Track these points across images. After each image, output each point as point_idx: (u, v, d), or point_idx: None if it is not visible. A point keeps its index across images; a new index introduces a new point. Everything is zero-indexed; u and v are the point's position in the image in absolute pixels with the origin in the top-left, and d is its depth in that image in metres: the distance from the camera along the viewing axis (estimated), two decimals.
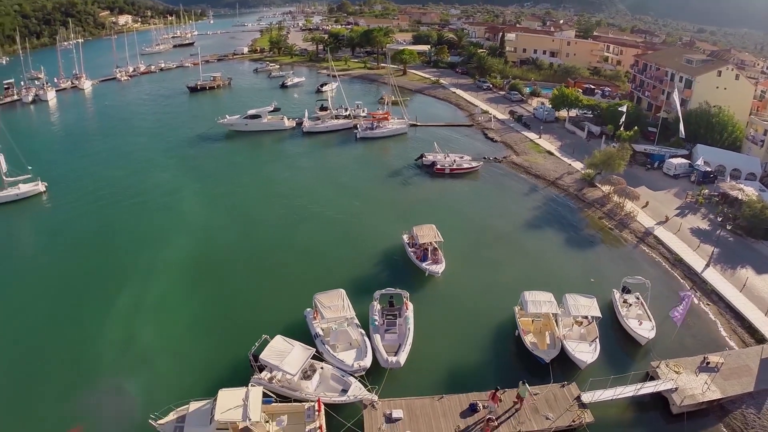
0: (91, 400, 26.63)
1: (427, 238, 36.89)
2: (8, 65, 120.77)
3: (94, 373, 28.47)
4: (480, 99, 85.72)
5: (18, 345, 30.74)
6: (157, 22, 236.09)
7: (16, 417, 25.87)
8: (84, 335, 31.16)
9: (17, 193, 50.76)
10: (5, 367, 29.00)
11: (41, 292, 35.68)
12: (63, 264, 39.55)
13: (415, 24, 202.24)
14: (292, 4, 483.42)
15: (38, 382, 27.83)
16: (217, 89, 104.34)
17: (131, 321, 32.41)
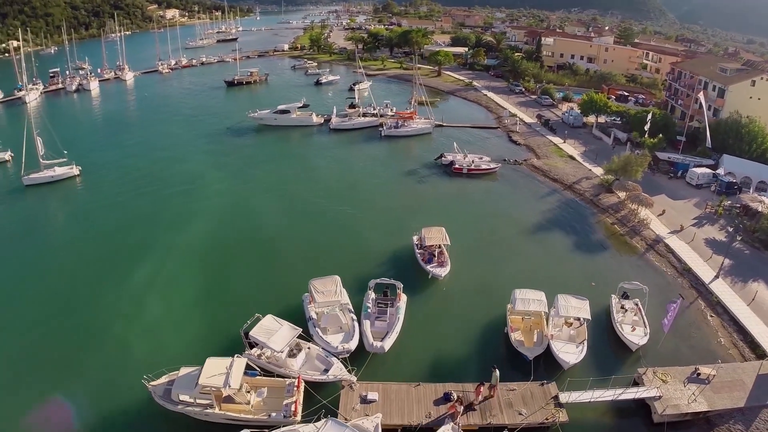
0: (94, 359, 28.74)
1: (433, 240, 36.80)
2: (56, 55, 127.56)
3: (101, 337, 30.49)
4: (510, 102, 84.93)
5: (39, 308, 33.22)
6: (204, 17, 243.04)
7: (26, 370, 28.09)
8: (97, 304, 33.37)
9: (52, 175, 54.01)
10: (25, 326, 31.53)
11: (66, 265, 38.31)
12: (88, 241, 42.17)
13: (458, 26, 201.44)
14: (338, 3, 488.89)
15: (51, 342, 30.09)
16: (253, 84, 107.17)
17: (141, 294, 34.44)
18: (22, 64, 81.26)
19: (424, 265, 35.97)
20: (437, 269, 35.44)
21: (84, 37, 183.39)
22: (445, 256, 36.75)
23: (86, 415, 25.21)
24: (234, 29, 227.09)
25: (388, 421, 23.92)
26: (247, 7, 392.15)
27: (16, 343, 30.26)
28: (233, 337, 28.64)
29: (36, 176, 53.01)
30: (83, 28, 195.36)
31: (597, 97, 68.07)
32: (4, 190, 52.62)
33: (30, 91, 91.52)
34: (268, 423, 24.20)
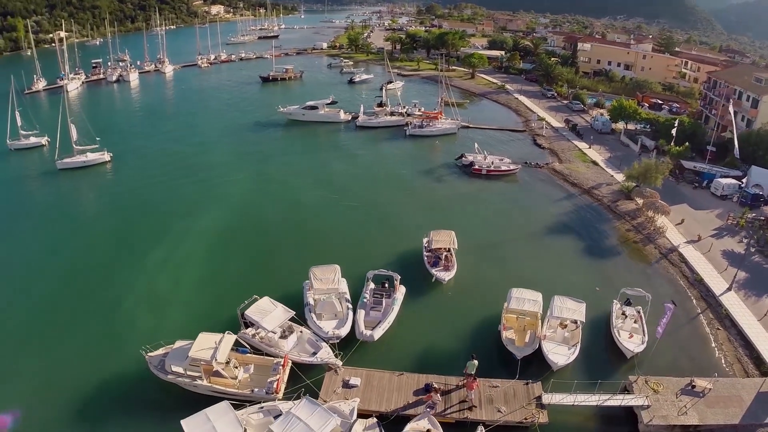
0: (102, 329, 30.35)
1: (441, 243, 35.97)
2: (100, 46, 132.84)
3: (111, 310, 32.13)
4: (541, 106, 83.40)
5: (59, 280, 35.42)
6: (248, 14, 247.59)
7: (39, 332, 30.09)
8: (112, 280, 35.13)
9: (84, 160, 56.54)
10: (45, 294, 33.70)
11: (88, 243, 40.40)
12: (111, 223, 44.36)
13: (500, 30, 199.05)
14: (383, 4, 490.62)
15: (65, 309, 32.13)
16: (288, 81, 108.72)
17: (153, 273, 35.98)
18: (65, 54, 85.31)
19: (429, 267, 35.07)
20: (442, 273, 34.53)
21: (129, 30, 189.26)
22: (451, 260, 35.66)
23: (88, 378, 26.47)
24: (276, 26, 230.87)
25: (365, 406, 24.06)
26: (292, 5, 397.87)
27: (35, 308, 32.42)
28: (233, 316, 29.27)
29: (69, 161, 55.64)
30: (129, 21, 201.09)
31: (627, 104, 66.00)
32: (38, 172, 55.75)
33: (71, 80, 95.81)
34: (250, 398, 24.81)
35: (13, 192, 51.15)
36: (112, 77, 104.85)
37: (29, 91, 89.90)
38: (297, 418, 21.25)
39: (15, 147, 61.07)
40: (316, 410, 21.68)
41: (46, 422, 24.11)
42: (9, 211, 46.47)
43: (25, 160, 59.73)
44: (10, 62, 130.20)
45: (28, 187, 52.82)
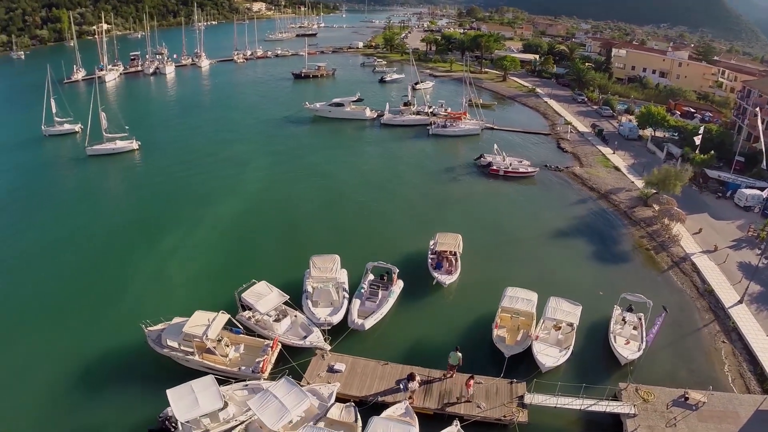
0: (110, 303, 31.64)
1: (445, 246, 34.90)
2: (142, 39, 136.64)
3: (122, 287, 33.49)
4: (569, 111, 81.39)
5: (79, 257, 37.13)
6: (289, 12, 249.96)
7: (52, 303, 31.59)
8: (126, 260, 36.58)
9: (113, 147, 58.65)
10: (64, 270, 35.51)
11: (109, 225, 42.10)
12: (132, 207, 46.20)
13: (539, 34, 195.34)
14: (425, 6, 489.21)
15: (79, 284, 33.74)
16: (320, 78, 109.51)
17: (165, 256, 37.18)
18: (104, 45, 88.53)
19: (431, 270, 33.95)
20: (443, 276, 33.35)
21: (171, 24, 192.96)
22: (455, 264, 34.46)
23: (91, 346, 27.70)
24: (315, 25, 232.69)
25: (346, 391, 24.14)
26: (334, 4, 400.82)
27: (52, 280, 34.23)
28: (234, 298, 29.70)
29: (98, 147, 57.81)
30: (171, 15, 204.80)
31: (655, 110, 63.57)
32: (69, 157, 58.38)
33: (109, 71, 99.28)
34: (236, 375, 25.23)
35: (43, 175, 53.70)
36: (149, 70, 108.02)
37: (68, 81, 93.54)
38: (273, 395, 21.52)
39: (49, 133, 63.92)
40: (293, 390, 21.90)
41: (45, 382, 25.36)
42: (38, 192, 48.75)
43: (58, 146, 62.55)
44: (53, 52, 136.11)
45: (57, 170, 55.44)
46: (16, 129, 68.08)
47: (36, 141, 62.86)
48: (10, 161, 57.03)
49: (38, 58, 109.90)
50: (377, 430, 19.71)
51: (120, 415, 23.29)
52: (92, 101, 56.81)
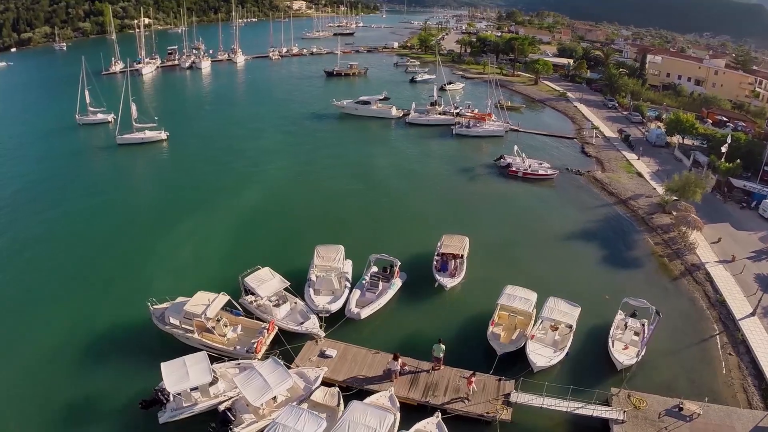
0: (123, 282, 32.84)
1: (451, 249, 33.66)
2: (181, 34, 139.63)
3: (136, 266, 34.78)
4: (599, 116, 79.08)
5: (101, 236, 38.84)
6: (329, 11, 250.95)
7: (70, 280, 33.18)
8: (142, 242, 37.99)
9: (142, 137, 60.53)
10: (84, 248, 37.18)
11: (131, 210, 43.87)
12: (156, 194, 48.08)
13: (578, 39, 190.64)
14: (466, 8, 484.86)
15: (96, 262, 35.29)
16: (352, 76, 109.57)
17: (179, 241, 38.26)
18: (142, 39, 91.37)
19: (435, 272, 32.96)
20: (446, 279, 32.22)
21: (212, 20, 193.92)
22: (459, 267, 33.29)
23: (99, 319, 28.87)
24: (354, 24, 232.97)
25: (333, 376, 24.25)
26: (374, 4, 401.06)
27: (74, 257, 36.04)
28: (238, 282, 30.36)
29: (127, 137, 59.80)
30: (212, 11, 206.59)
31: (684, 117, 61.01)
32: (100, 145, 60.75)
33: (146, 64, 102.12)
34: (231, 354, 25.75)
35: (74, 161, 56.16)
36: (185, 64, 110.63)
37: (106, 72, 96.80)
38: (259, 373, 21.87)
39: (83, 122, 66.58)
40: (278, 369, 22.17)
41: (51, 347, 26.79)
42: (67, 177, 51.02)
43: (90, 134, 65.12)
44: (94, 45, 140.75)
45: (87, 157, 57.91)
46: (53, 117, 71.39)
47: (70, 129, 65.69)
48: (45, 147, 60.16)
49: (79, 50, 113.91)
50: (355, 414, 19.70)
51: (118, 386, 24.10)
52: (123, 92, 58.92)
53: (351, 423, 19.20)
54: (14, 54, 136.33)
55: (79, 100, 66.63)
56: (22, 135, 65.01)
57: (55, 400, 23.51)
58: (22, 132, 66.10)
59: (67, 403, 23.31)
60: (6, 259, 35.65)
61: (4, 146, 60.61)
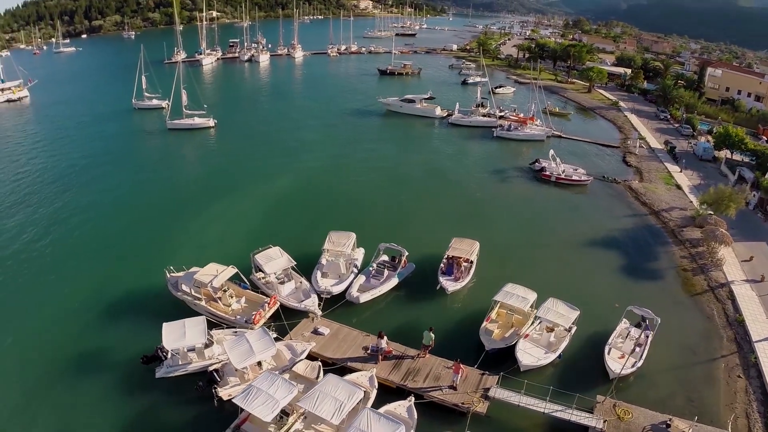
0: (149, 250, 34.94)
1: (457, 252, 32.23)
2: (246, 28, 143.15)
3: (165, 238, 36.86)
4: (648, 127, 74.87)
5: (137, 212, 41.35)
6: (396, 11, 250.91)
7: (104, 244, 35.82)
8: (177, 216, 40.24)
9: (191, 123, 63.45)
10: (125, 215, 40.14)
11: (173, 189, 46.60)
12: (197, 176, 50.63)
13: (643, 50, 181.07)
14: (533, 15, 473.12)
15: (130, 232, 37.77)
16: (405, 76, 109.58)
17: (210, 218, 40.17)
18: (203, 31, 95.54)
19: (439, 274, 31.56)
20: (448, 282, 30.75)
21: (278, 16, 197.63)
22: (464, 272, 31.80)
23: (120, 281, 30.88)
24: (417, 26, 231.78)
25: (319, 351, 24.65)
26: (441, 7, 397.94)
27: (112, 223, 39.07)
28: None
29: (177, 122, 62.88)
30: (279, 7, 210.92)
31: (733, 132, 56.53)
32: (152, 129, 64.44)
33: (207, 55, 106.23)
34: (231, 323, 26.72)
35: (126, 142, 60.15)
36: (245, 57, 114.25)
37: (169, 62, 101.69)
38: (246, 340, 22.58)
39: (138, 106, 70.72)
40: (264, 338, 22.79)
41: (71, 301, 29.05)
42: (119, 156, 54.74)
43: (144, 118, 69.17)
44: (162, 34, 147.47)
45: (138, 139, 61.65)
46: (112, 100, 76.55)
47: (126, 112, 70.14)
48: (102, 128, 64.61)
49: (146, 39, 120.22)
50: (327, 386, 19.94)
51: (126, 342, 25.60)
52: (175, 80, 62.10)
53: (321, 393, 19.46)
54: (84, 40, 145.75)
55: (136, 85, 70.95)
56: (83, 115, 70.35)
57: (69, 348, 25.43)
58: (84, 113, 71.50)
59: (79, 352, 25.14)
60: (57, 222, 38.86)
61: (67, 125, 66.05)
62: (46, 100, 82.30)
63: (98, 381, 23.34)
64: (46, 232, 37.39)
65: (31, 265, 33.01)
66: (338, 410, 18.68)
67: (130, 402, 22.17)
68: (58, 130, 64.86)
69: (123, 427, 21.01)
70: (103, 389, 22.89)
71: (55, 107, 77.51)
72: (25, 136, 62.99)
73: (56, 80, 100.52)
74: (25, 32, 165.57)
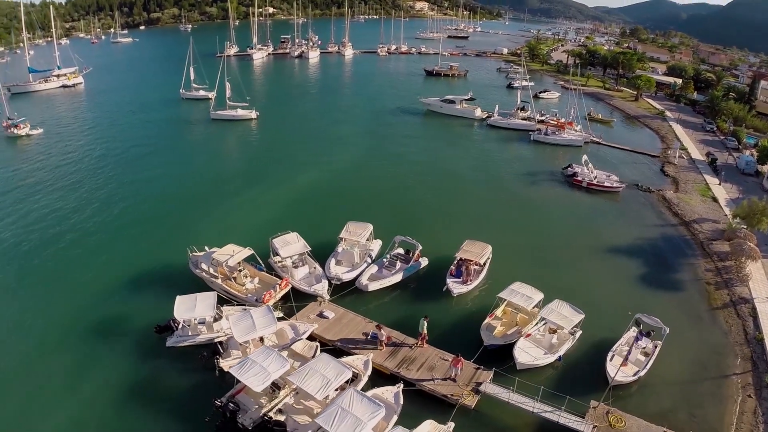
0: (178, 228, 36.80)
1: (468, 255, 31.24)
2: (303, 25, 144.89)
3: (193, 216, 38.83)
4: (692, 138, 70.97)
5: (174, 192, 43.76)
6: (451, 14, 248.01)
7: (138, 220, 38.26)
8: (210, 199, 42.13)
9: (233, 114, 65.65)
10: (161, 197, 42.53)
11: (210, 173, 48.57)
12: (234, 164, 52.84)
13: (698, 61, 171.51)
14: (591, 22, 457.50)
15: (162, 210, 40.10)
16: (451, 77, 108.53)
17: (239, 203, 41.75)
18: (255, 26, 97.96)
19: (447, 275, 30.82)
20: (455, 284, 29.94)
21: (335, 14, 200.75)
22: (472, 276, 30.82)
23: (149, 258, 32.56)
24: (471, 29, 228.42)
25: (322, 333, 25.13)
26: (497, 11, 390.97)
27: (149, 203, 41.56)
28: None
29: (220, 113, 65.22)
30: (335, 6, 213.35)
31: None
32: (197, 118, 67.17)
33: (258, 50, 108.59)
34: (243, 301, 27.68)
35: (170, 129, 63.01)
36: (295, 53, 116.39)
37: (220, 55, 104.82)
38: (250, 315, 23.35)
39: (186, 97, 73.78)
40: (267, 315, 23.48)
41: (107, 270, 31.05)
42: (161, 143, 57.59)
43: (190, 108, 72.10)
44: (218, 28, 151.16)
45: (183, 127, 64.38)
46: (161, 90, 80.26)
47: (174, 102, 73.44)
48: (149, 116, 68.01)
49: (202, 32, 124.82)
50: (318, 363, 20.36)
51: (143, 313, 26.87)
52: (219, 73, 64.40)
53: (311, 369, 19.91)
54: (142, 31, 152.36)
55: (184, 77, 74.02)
56: (133, 103, 74.36)
57: (93, 312, 27.27)
58: (133, 100, 75.52)
59: (102, 316, 26.88)
60: (99, 200, 41.70)
61: (116, 111, 70.21)
62: (100, 87, 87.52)
63: (115, 344, 24.85)
64: (89, 208, 40.08)
65: (74, 236, 35.59)
66: (324, 387, 19.06)
67: (140, 366, 23.47)
68: (107, 115, 69.02)
69: (130, 387, 22.31)
70: (117, 352, 24.36)
71: (107, 94, 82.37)
72: (76, 120, 67.47)
73: (111, 69, 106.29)
74: (85, 22, 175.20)
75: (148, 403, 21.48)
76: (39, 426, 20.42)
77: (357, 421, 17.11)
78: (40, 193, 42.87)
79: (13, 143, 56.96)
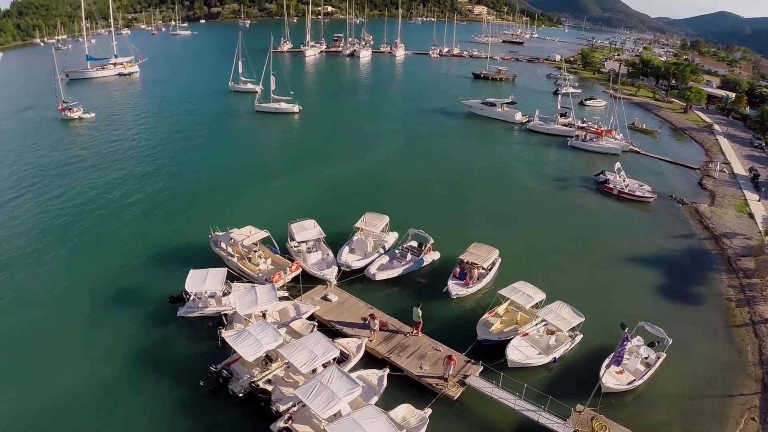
0: (209, 207, 38.53)
1: (473, 258, 29.99)
2: (360, 25, 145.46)
3: (224, 199, 40.46)
4: (738, 153, 66.27)
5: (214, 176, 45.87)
6: (509, 19, 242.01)
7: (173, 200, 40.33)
8: (243, 185, 43.61)
9: (277, 107, 67.37)
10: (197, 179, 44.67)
11: (249, 161, 50.55)
12: (273, 154, 54.50)
13: (759, 76, 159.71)
14: (652, 33, 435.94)
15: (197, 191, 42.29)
16: (498, 81, 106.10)
17: (270, 190, 42.93)
18: (308, 24, 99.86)
19: (449, 276, 29.92)
20: (456, 286, 28.95)
21: (393, 15, 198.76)
22: (475, 279, 29.84)
23: (176, 235, 34.45)
24: (527, 35, 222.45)
25: (322, 315, 25.69)
26: (557, 18, 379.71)
27: (188, 188, 43.27)
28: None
29: (265, 105, 67.15)
30: (394, 7, 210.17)
31: None
32: (242, 110, 69.33)
33: (311, 47, 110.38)
34: (254, 279, 28.52)
35: (215, 120, 65.31)
36: (347, 51, 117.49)
37: (275, 51, 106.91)
38: (254, 292, 24.19)
39: (234, 89, 76.31)
40: (270, 293, 24.24)
41: (133, 243, 33.03)
42: (206, 133, 59.86)
43: (237, 100, 74.46)
44: (275, 24, 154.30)
45: (227, 118, 66.71)
46: (211, 82, 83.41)
47: (222, 94, 76.20)
48: (197, 106, 71.03)
49: (260, 28, 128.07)
50: (309, 340, 20.94)
51: (161, 284, 28.20)
52: (264, 67, 66.30)
53: (301, 344, 20.48)
54: (202, 25, 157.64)
55: (233, 70, 76.67)
56: (183, 93, 77.97)
57: (115, 280, 29.13)
58: (184, 91, 79.14)
59: (122, 285, 28.67)
60: (141, 183, 44.04)
61: (167, 100, 73.79)
62: (154, 77, 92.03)
63: (131, 310, 26.48)
64: (126, 187, 42.73)
65: (109, 211, 38.18)
66: (310, 361, 19.57)
67: (151, 331, 24.93)
68: (156, 103, 72.78)
69: (139, 349, 23.78)
70: (132, 317, 25.96)
71: (159, 83, 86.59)
72: (127, 106, 71.64)
73: (167, 59, 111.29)
74: (147, 14, 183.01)
75: (151, 364, 22.83)
76: (55, 375, 22.21)
77: (332, 395, 17.48)
78: (85, 171, 46.14)
79: (65, 125, 61.39)
